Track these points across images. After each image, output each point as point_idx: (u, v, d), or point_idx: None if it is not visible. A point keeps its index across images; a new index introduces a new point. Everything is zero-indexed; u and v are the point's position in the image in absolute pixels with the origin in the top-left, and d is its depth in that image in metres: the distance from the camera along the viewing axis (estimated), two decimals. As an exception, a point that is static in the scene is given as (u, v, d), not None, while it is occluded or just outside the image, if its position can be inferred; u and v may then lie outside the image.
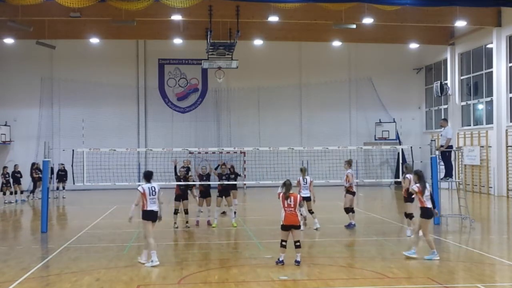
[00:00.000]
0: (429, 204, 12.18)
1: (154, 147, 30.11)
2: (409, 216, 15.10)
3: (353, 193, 16.94)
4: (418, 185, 12.27)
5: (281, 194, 11.68)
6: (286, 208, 11.55)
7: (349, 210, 16.86)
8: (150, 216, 11.75)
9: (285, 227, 11.61)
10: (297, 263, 11.65)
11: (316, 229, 16.06)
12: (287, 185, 11.73)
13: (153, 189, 11.85)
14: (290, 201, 11.53)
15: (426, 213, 12.14)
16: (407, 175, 14.97)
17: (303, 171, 16.50)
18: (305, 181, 16.34)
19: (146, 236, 11.87)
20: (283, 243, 11.62)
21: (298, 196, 11.87)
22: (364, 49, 35.25)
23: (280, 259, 11.62)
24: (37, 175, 27.28)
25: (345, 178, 16.88)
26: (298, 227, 11.72)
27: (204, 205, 17.77)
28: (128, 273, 11.02)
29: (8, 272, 11.36)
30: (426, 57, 35.35)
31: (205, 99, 35.59)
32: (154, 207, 11.79)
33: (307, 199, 16.15)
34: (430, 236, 12.31)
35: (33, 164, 27.89)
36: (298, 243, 11.71)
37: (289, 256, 11.96)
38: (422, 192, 12.12)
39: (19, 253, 13.73)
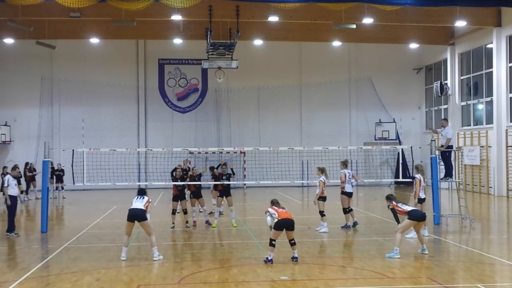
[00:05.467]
0: (410, 208, 12.67)
1: (154, 147, 30.13)
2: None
3: (346, 194, 16.78)
4: (392, 203, 12.88)
5: (272, 207, 12.01)
6: (278, 210, 11.86)
7: (345, 211, 16.82)
8: (129, 214, 12.42)
9: (281, 225, 11.63)
10: (295, 259, 11.72)
11: (324, 232, 15.94)
12: (275, 202, 12.16)
13: (141, 197, 12.67)
14: (283, 208, 11.98)
15: (411, 216, 12.42)
16: (416, 176, 15.09)
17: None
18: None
19: None
20: (273, 242, 11.67)
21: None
22: (364, 49, 35.26)
23: (269, 258, 11.64)
24: (30, 175, 27.26)
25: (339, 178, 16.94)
26: (292, 228, 11.75)
27: (198, 205, 17.83)
28: (128, 273, 11.02)
29: (8, 272, 11.37)
30: (426, 57, 35.36)
31: (205, 99, 35.59)
32: (136, 206, 12.42)
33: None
34: (401, 236, 12.61)
35: (26, 164, 27.85)
36: (293, 241, 11.82)
37: (287, 255, 11.98)
38: (398, 206, 12.70)
39: (19, 253, 13.75)
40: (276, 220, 11.72)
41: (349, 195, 16.85)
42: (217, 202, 17.62)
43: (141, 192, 12.76)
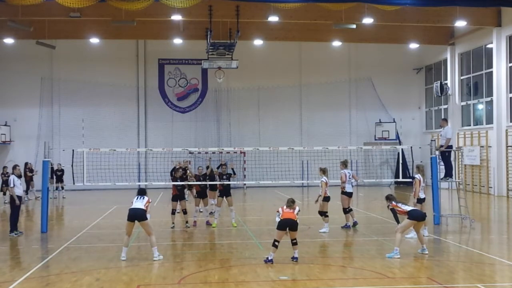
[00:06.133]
0: (410, 208, 12.66)
1: (154, 147, 30.15)
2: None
3: (346, 194, 16.80)
4: (392, 203, 12.82)
5: (283, 207, 11.95)
6: (284, 209, 11.82)
7: (345, 211, 16.84)
8: (129, 214, 12.44)
9: (282, 225, 11.64)
10: (295, 259, 11.72)
11: (323, 232, 15.93)
12: (289, 201, 12.04)
13: (141, 197, 12.65)
14: (291, 208, 11.85)
15: (411, 216, 12.42)
16: (416, 176, 15.11)
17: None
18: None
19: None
20: (276, 243, 11.67)
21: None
22: (364, 49, 35.25)
23: (270, 258, 11.65)
24: (30, 175, 27.21)
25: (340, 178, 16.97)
26: (295, 228, 11.73)
27: (202, 205, 17.86)
28: (128, 273, 11.01)
29: (8, 272, 11.38)
30: (426, 57, 35.35)
31: (205, 99, 35.59)
32: (136, 205, 12.44)
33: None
34: (401, 236, 12.61)
35: (26, 164, 27.85)
36: (295, 241, 11.81)
37: (287, 255, 11.98)
38: (398, 206, 12.68)
39: (19, 253, 13.76)
40: (278, 219, 11.73)
41: (349, 195, 16.86)
42: (217, 202, 17.61)
43: (141, 192, 12.77)
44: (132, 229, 12.43)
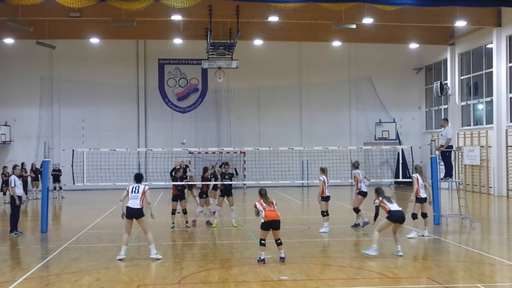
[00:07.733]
0: (393, 207, 12.40)
1: (154, 147, 30.12)
2: (415, 216, 15.03)
3: (362, 193, 16.74)
4: (379, 199, 12.68)
5: (260, 201, 11.95)
6: (265, 207, 11.80)
7: (356, 210, 16.82)
8: (127, 212, 12.28)
9: (268, 226, 11.69)
10: (282, 259, 11.77)
11: (323, 232, 15.91)
12: (263, 194, 12.10)
13: (136, 188, 12.38)
14: (270, 205, 11.88)
15: (390, 216, 12.36)
16: (414, 175, 15.11)
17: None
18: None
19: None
20: (263, 241, 11.74)
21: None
22: (364, 49, 35.25)
23: (262, 258, 11.71)
24: (26, 175, 27.19)
25: (353, 179, 17.01)
26: (278, 227, 11.76)
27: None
28: (128, 273, 11.01)
29: (8, 272, 11.37)
30: (426, 57, 35.35)
31: (205, 99, 35.60)
32: (132, 204, 12.25)
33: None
34: (378, 235, 12.51)
35: (22, 164, 27.83)
36: (279, 241, 11.85)
37: (288, 255, 11.98)
38: (383, 202, 12.53)
39: (19, 253, 13.75)
40: (262, 220, 11.73)
41: (365, 194, 16.79)
42: (218, 201, 17.62)
43: (138, 179, 12.69)
44: (131, 226, 12.39)
